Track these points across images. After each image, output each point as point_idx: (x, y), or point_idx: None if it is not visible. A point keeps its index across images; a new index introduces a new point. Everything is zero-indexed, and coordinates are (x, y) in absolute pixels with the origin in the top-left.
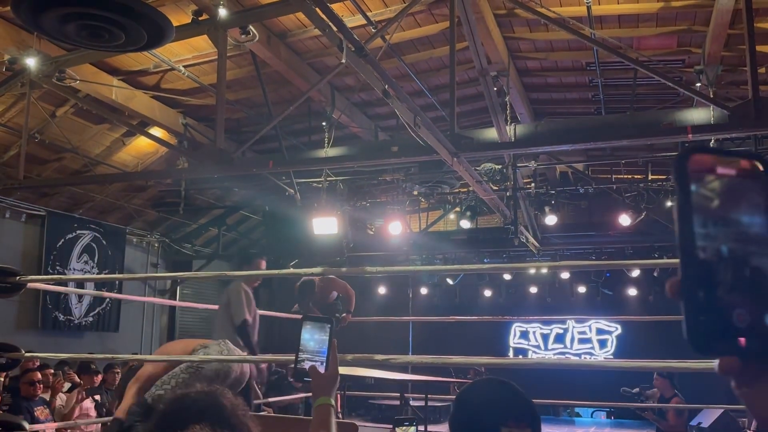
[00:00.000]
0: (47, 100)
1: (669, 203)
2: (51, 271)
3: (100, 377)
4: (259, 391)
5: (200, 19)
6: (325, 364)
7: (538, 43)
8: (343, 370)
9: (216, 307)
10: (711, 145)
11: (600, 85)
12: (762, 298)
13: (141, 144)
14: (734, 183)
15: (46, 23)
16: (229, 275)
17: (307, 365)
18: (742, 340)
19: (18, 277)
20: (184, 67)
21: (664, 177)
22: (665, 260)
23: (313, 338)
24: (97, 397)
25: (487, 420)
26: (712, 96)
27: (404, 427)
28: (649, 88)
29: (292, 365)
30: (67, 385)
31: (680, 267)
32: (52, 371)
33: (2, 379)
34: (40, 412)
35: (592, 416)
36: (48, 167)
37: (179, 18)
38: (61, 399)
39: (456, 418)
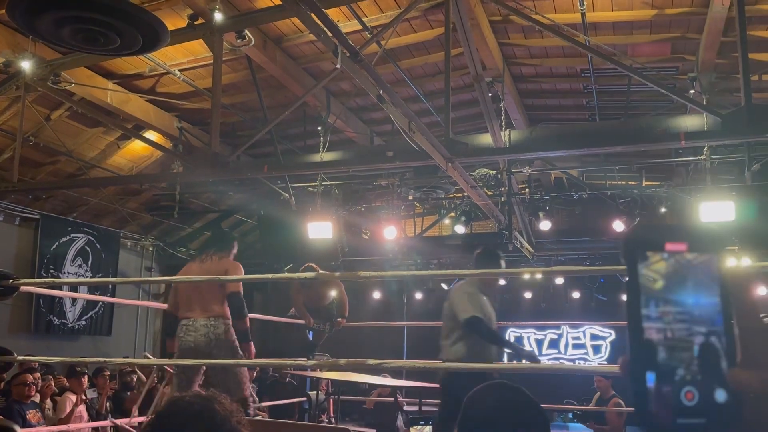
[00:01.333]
0: (42, 103)
1: (663, 209)
2: (45, 274)
3: (86, 378)
4: (254, 395)
5: (196, 23)
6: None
7: (533, 49)
8: (337, 375)
9: None
10: (659, 224)
11: (594, 91)
12: (709, 375)
13: (136, 147)
14: (681, 261)
15: (42, 27)
16: (222, 279)
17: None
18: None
19: (11, 281)
20: (180, 70)
21: (657, 183)
22: None
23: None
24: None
25: (497, 426)
26: (705, 103)
27: (419, 427)
28: (643, 95)
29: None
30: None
31: (629, 347)
32: (39, 375)
33: None
34: (32, 415)
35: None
36: (42, 170)
37: (175, 22)
38: (51, 403)
39: (465, 424)
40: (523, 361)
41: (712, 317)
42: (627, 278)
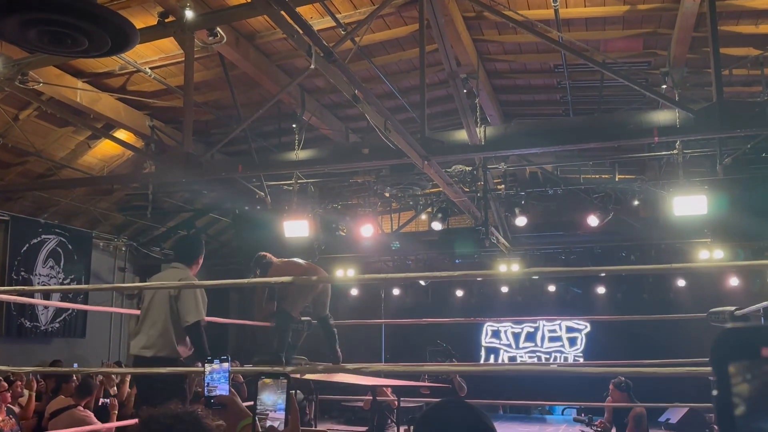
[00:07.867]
0: (10, 103)
1: (636, 203)
2: (16, 277)
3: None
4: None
5: (166, 21)
6: (284, 422)
7: (506, 45)
8: (314, 375)
9: None
10: (750, 324)
11: (568, 86)
12: None
13: (107, 147)
14: None
15: (7, 29)
16: (203, 285)
17: (267, 424)
18: None
19: None
20: (151, 68)
21: (632, 177)
22: (630, 266)
23: (271, 397)
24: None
25: None
26: (677, 98)
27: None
28: (617, 90)
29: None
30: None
31: None
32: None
33: None
34: (4, 423)
35: (563, 413)
36: (11, 171)
37: (145, 20)
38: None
39: None
40: None
41: None
42: (716, 384)
